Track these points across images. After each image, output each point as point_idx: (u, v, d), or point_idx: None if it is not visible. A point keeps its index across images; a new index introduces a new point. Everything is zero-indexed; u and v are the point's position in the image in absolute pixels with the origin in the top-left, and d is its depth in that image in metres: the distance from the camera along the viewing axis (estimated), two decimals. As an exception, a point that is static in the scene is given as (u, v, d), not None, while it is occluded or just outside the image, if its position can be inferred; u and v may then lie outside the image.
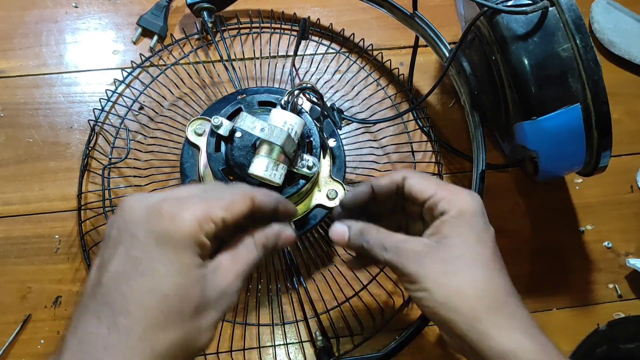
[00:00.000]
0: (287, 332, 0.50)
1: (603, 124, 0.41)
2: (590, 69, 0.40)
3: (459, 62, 0.49)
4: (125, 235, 0.27)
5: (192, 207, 0.27)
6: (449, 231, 0.33)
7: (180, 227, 0.27)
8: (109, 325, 0.25)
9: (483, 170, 0.49)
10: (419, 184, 0.35)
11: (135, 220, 0.27)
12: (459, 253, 0.33)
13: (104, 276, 0.27)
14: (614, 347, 0.51)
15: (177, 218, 0.27)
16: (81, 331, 0.26)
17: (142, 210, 0.27)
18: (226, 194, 0.30)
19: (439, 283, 0.32)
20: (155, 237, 0.27)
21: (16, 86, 0.56)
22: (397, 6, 0.54)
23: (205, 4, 0.56)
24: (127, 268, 0.26)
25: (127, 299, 0.26)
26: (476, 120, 0.50)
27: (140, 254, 0.26)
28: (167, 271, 0.26)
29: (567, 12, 0.40)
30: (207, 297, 0.28)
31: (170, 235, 0.27)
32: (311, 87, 0.41)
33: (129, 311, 0.25)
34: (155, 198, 0.28)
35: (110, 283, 0.26)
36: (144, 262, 0.26)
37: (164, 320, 0.26)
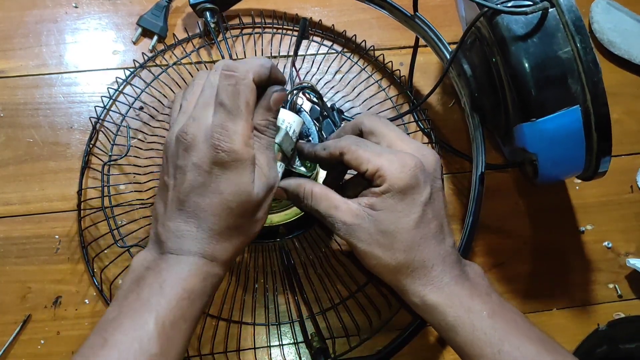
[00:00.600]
0: (283, 332, 0.50)
1: (603, 126, 0.41)
2: (590, 70, 0.40)
3: (459, 63, 0.49)
4: (189, 165, 0.34)
5: (238, 135, 0.34)
6: (377, 204, 0.36)
7: (237, 156, 0.34)
8: (197, 226, 0.35)
9: (482, 173, 0.49)
10: (354, 160, 0.37)
11: (198, 153, 0.34)
12: (383, 227, 0.36)
13: (181, 195, 0.35)
14: (614, 347, 0.51)
15: (232, 149, 0.34)
16: (175, 228, 0.35)
17: (201, 144, 0.34)
18: (240, 99, 0.35)
19: (365, 252, 0.37)
20: (217, 167, 0.34)
21: (16, 86, 0.56)
22: (398, 7, 0.54)
23: (208, 4, 0.56)
24: (200, 190, 0.34)
25: (205, 211, 0.34)
26: (476, 122, 0.50)
27: (207, 179, 0.34)
28: (229, 192, 0.34)
29: (567, 14, 0.40)
30: (261, 198, 0.36)
31: (230, 164, 0.34)
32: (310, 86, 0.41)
33: (208, 219, 0.35)
34: (204, 127, 0.35)
35: (188, 200, 0.35)
36: (211, 186, 0.34)
37: (233, 223, 0.35)
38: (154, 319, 0.32)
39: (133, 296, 0.33)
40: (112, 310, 0.34)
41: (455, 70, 0.51)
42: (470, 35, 0.48)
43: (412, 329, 0.48)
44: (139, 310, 0.33)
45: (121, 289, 0.35)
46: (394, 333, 0.50)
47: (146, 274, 0.35)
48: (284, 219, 0.45)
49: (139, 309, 0.33)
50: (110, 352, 0.31)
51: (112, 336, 0.32)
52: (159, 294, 0.33)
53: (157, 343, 0.32)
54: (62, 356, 0.48)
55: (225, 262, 0.36)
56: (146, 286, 0.34)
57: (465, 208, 0.54)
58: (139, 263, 0.36)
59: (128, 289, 0.34)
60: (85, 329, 0.49)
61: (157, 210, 0.37)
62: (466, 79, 0.48)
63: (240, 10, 0.60)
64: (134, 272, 0.36)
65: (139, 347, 0.31)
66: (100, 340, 0.32)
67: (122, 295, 0.35)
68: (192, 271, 0.34)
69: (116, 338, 0.32)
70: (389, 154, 0.36)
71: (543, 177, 0.46)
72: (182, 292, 0.33)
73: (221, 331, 0.49)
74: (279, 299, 0.50)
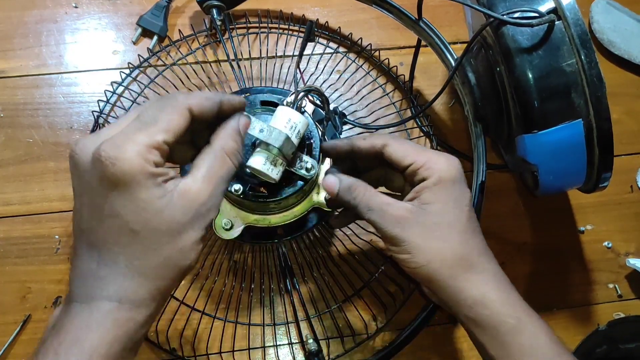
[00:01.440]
0: (278, 333, 0.50)
1: (605, 141, 0.41)
2: (594, 85, 0.39)
3: (464, 72, 0.49)
4: (83, 185, 0.29)
5: (130, 144, 0.27)
6: (429, 197, 0.36)
7: (124, 169, 0.27)
8: (98, 261, 0.28)
9: (483, 182, 0.49)
10: (398, 152, 0.38)
11: (86, 169, 0.28)
12: (438, 219, 0.36)
13: (81, 222, 0.29)
14: (614, 347, 0.51)
15: (118, 161, 0.27)
16: (79, 268, 0.29)
17: (88, 158, 0.28)
18: (162, 114, 0.29)
19: (420, 247, 0.35)
20: (107, 183, 0.27)
21: (16, 86, 0.56)
22: (404, 12, 0.54)
23: (214, 2, 0.56)
24: (96, 214, 0.28)
25: (104, 240, 0.28)
26: (479, 131, 0.50)
27: (101, 200, 0.28)
28: (126, 211, 0.28)
29: (573, 27, 0.40)
30: (179, 221, 0.29)
31: (118, 179, 0.27)
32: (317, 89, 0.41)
33: (109, 248, 0.28)
34: (96, 141, 0.28)
35: (87, 228, 0.29)
36: (105, 208, 0.28)
37: (143, 251, 0.28)
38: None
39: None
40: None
41: (460, 78, 0.50)
42: (475, 43, 0.48)
43: (412, 329, 0.48)
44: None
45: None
46: (394, 333, 0.50)
47: (47, 335, 0.28)
48: (282, 220, 0.45)
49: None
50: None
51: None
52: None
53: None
54: (62, 356, 0.48)
55: (147, 304, 0.29)
56: (41, 354, 0.27)
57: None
58: (49, 321, 0.30)
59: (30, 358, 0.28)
60: (85, 329, 0.49)
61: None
62: (470, 87, 0.48)
63: (246, 9, 0.60)
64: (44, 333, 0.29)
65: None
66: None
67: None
68: (103, 323, 0.28)
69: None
70: (432, 151, 0.38)
71: (543, 189, 0.46)
72: (87, 354, 0.27)
73: (216, 331, 0.49)
74: (275, 299, 0.50)
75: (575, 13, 0.40)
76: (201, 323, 0.49)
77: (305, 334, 0.49)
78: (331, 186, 0.39)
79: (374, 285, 0.51)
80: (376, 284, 0.51)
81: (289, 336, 0.49)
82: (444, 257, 0.36)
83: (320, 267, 0.51)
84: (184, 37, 0.58)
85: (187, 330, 0.49)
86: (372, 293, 0.50)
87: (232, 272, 0.50)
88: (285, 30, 0.59)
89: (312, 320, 0.49)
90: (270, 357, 0.49)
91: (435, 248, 0.36)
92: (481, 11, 0.42)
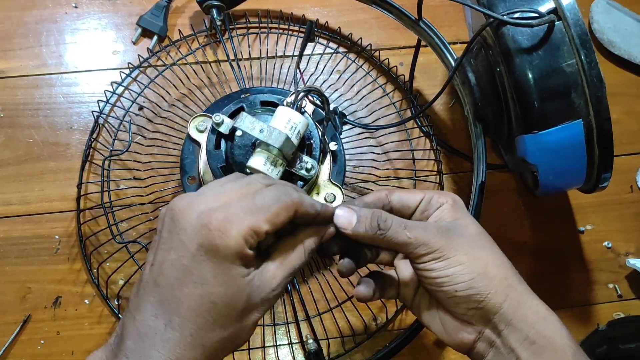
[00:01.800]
0: (278, 333, 0.50)
1: (605, 141, 0.41)
2: (594, 85, 0.39)
3: (464, 72, 0.49)
4: (176, 241, 0.28)
5: (239, 223, 0.28)
6: (456, 215, 0.34)
7: (227, 244, 0.28)
8: (166, 322, 0.28)
9: (483, 182, 0.49)
10: (406, 193, 0.36)
11: (186, 229, 0.28)
12: (475, 230, 0.34)
13: (159, 278, 0.29)
14: (614, 347, 0.51)
15: (225, 235, 0.28)
16: (140, 323, 0.28)
17: (192, 219, 0.28)
18: (274, 206, 0.30)
19: (471, 255, 0.32)
20: (205, 250, 0.28)
21: (16, 86, 0.56)
22: (404, 12, 0.54)
23: (215, 2, 0.56)
24: (180, 275, 0.28)
25: (181, 303, 0.28)
26: (479, 131, 0.50)
27: (191, 264, 0.28)
28: (215, 282, 0.28)
29: (573, 27, 0.40)
30: (251, 302, 0.29)
31: (218, 250, 0.28)
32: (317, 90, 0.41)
33: (182, 314, 0.28)
34: (205, 205, 0.29)
35: (165, 285, 0.28)
36: (194, 273, 0.28)
37: (213, 324, 0.28)
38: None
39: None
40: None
41: (460, 78, 0.50)
42: (475, 43, 0.48)
43: (412, 329, 0.48)
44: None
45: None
46: (394, 333, 0.50)
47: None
48: None
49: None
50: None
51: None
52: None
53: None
54: (61, 356, 0.48)
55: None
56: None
57: (465, 208, 0.54)
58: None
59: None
60: (84, 329, 0.49)
61: (132, 292, 0.30)
62: (470, 87, 0.48)
63: (246, 9, 0.60)
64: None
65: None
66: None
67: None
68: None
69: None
70: (432, 190, 0.37)
71: (543, 189, 0.46)
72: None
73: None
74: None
75: (575, 13, 0.40)
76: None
77: (305, 334, 0.49)
78: (347, 218, 0.34)
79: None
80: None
81: (289, 336, 0.49)
82: (499, 262, 0.33)
83: (321, 267, 0.51)
84: (184, 37, 0.58)
85: (187, 330, 0.49)
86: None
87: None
88: (285, 30, 0.59)
89: (312, 320, 0.49)
90: (270, 357, 0.49)
91: (487, 255, 0.33)
92: (481, 11, 0.42)
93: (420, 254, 0.33)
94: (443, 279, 0.32)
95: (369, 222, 0.33)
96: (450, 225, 0.34)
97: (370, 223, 0.33)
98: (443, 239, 0.32)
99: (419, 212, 0.36)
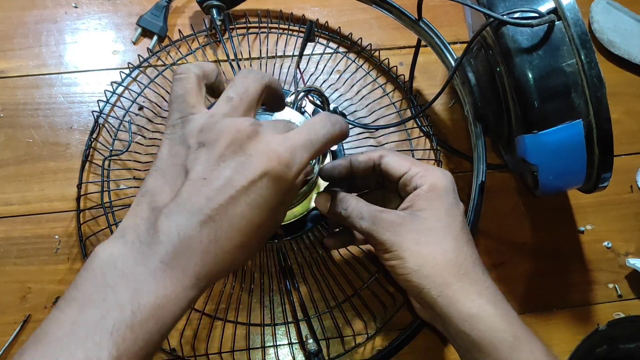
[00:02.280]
0: (278, 333, 0.50)
1: (605, 141, 0.41)
2: (594, 85, 0.39)
3: (464, 72, 0.49)
4: (237, 162, 0.29)
5: (300, 159, 0.30)
6: (422, 204, 0.36)
7: (289, 178, 0.29)
8: (211, 238, 0.28)
9: (482, 182, 0.49)
10: (394, 162, 0.39)
11: (252, 154, 0.29)
12: (431, 225, 0.36)
13: (211, 193, 0.28)
14: (614, 347, 0.51)
15: (289, 169, 0.29)
16: (182, 230, 0.27)
17: (260, 147, 0.29)
18: (324, 138, 0.31)
19: (412, 251, 0.35)
20: (268, 178, 0.29)
21: (16, 86, 0.56)
22: (404, 12, 0.54)
23: (215, 2, 0.56)
24: (235, 194, 0.28)
25: (231, 221, 0.28)
26: (478, 131, 0.50)
27: (250, 187, 0.28)
28: (266, 208, 0.29)
29: (573, 27, 0.40)
30: (274, 228, 0.32)
31: (280, 182, 0.29)
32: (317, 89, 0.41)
33: (227, 230, 0.28)
34: (270, 137, 0.30)
35: (216, 200, 0.28)
36: (251, 196, 0.28)
37: (249, 245, 0.29)
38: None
39: (91, 309, 0.26)
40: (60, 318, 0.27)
41: (460, 78, 0.50)
42: (475, 43, 0.48)
43: (413, 329, 0.48)
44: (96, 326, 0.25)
45: (74, 291, 0.27)
46: (394, 333, 0.50)
47: (118, 281, 0.26)
48: None
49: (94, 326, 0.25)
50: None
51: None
52: (127, 318, 0.25)
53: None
54: (62, 356, 0.48)
55: (207, 286, 0.29)
56: (113, 308, 0.26)
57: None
58: (107, 260, 0.27)
59: (87, 293, 0.26)
60: (85, 329, 0.49)
61: (157, 193, 0.29)
62: (470, 87, 0.48)
63: (246, 9, 0.60)
64: (96, 270, 0.27)
65: None
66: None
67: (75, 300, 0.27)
68: (177, 293, 0.27)
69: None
70: (427, 164, 0.39)
71: (543, 189, 0.46)
72: (153, 324, 0.26)
73: (216, 331, 0.49)
74: (275, 300, 0.50)
75: (575, 13, 0.40)
76: (201, 323, 0.49)
77: (305, 334, 0.49)
78: (322, 203, 0.39)
79: (374, 286, 0.51)
80: (376, 284, 0.51)
81: (288, 336, 0.49)
82: (437, 262, 0.35)
83: (320, 267, 0.51)
84: (184, 37, 0.58)
85: (187, 330, 0.49)
86: (372, 293, 0.50)
87: (232, 272, 0.50)
88: (285, 30, 0.59)
89: (312, 320, 0.49)
90: (270, 357, 0.49)
91: (427, 253, 0.35)
92: (481, 11, 0.42)
93: (372, 243, 0.37)
94: (390, 268, 0.37)
95: (335, 208, 0.38)
96: (409, 216, 0.36)
97: (336, 209, 0.38)
98: (389, 233, 0.36)
99: (401, 184, 0.39)
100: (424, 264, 0.35)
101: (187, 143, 0.30)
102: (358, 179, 0.43)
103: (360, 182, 0.43)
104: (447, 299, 0.34)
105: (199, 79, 0.33)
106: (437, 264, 0.35)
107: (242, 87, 0.31)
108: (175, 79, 0.32)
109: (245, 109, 0.31)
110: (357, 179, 0.43)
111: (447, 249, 0.35)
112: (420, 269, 0.35)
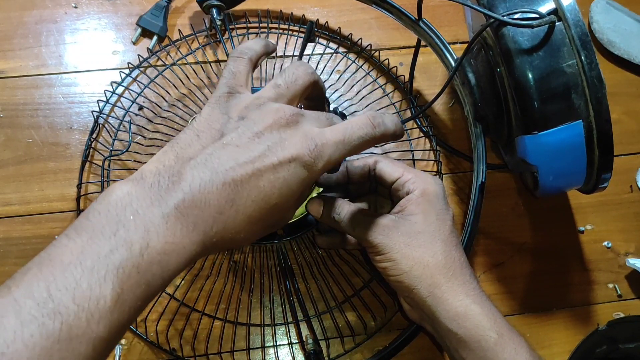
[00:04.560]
0: (278, 333, 0.50)
1: (605, 142, 0.41)
2: (595, 86, 0.39)
3: (464, 72, 0.49)
4: (272, 141, 0.30)
5: (328, 155, 0.31)
6: (414, 209, 0.38)
7: (316, 169, 0.30)
8: (231, 204, 0.29)
9: (483, 182, 0.49)
10: (387, 167, 0.40)
11: (286, 139, 0.30)
12: (422, 228, 0.37)
13: (244, 159, 0.29)
14: (614, 347, 0.51)
15: (318, 161, 0.30)
16: (204, 190, 0.28)
17: (298, 134, 0.30)
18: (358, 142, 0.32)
19: (403, 253, 0.37)
20: (297, 164, 0.30)
21: (16, 87, 0.56)
22: (404, 12, 0.54)
23: (214, 2, 0.56)
24: (265, 169, 0.29)
25: (251, 194, 0.29)
26: (479, 131, 0.50)
27: (279, 167, 0.29)
28: (285, 190, 0.30)
29: (574, 28, 0.40)
30: (293, 213, 0.34)
31: (305, 170, 0.30)
32: None
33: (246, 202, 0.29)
34: (308, 126, 0.31)
35: (245, 168, 0.29)
36: (279, 176, 0.29)
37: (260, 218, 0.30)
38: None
39: (102, 241, 0.25)
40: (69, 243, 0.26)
41: (460, 79, 0.50)
42: (475, 43, 0.48)
43: (413, 329, 0.48)
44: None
45: (85, 219, 0.27)
46: (394, 333, 0.50)
47: (131, 219, 0.26)
48: None
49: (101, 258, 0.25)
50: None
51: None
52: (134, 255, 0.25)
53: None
54: (62, 356, 0.48)
55: (210, 250, 0.29)
56: (126, 244, 0.26)
57: (463, 207, 0.54)
58: (123, 197, 0.27)
59: (99, 226, 0.26)
60: (85, 329, 0.49)
61: (187, 146, 0.30)
62: (470, 87, 0.48)
63: (246, 9, 0.60)
64: (111, 205, 0.27)
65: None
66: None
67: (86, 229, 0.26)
68: (184, 244, 0.27)
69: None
70: (420, 170, 0.41)
71: (543, 189, 0.46)
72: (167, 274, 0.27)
73: (216, 331, 0.49)
74: (275, 300, 0.50)
75: (576, 14, 0.40)
76: (201, 323, 0.49)
77: (305, 334, 0.49)
78: (315, 208, 0.40)
79: (374, 286, 0.51)
80: (376, 284, 0.51)
81: (288, 336, 0.49)
82: (426, 263, 0.37)
83: (320, 267, 0.51)
84: (184, 37, 0.58)
85: (187, 330, 0.49)
86: (372, 293, 0.50)
87: (232, 272, 0.50)
88: (285, 30, 0.59)
89: (312, 320, 0.49)
90: (270, 358, 0.49)
91: (417, 255, 0.37)
92: (481, 12, 0.42)
93: (365, 246, 0.39)
94: (382, 269, 0.39)
95: (329, 213, 0.40)
96: (400, 220, 0.38)
97: (329, 214, 0.40)
98: (381, 236, 0.37)
99: (394, 189, 0.41)
100: (415, 265, 0.37)
101: (229, 114, 0.31)
102: (352, 184, 0.44)
103: (353, 187, 0.44)
104: (436, 299, 0.36)
105: (251, 63, 0.35)
106: (427, 266, 0.37)
107: (291, 77, 0.33)
108: (232, 57, 0.34)
109: (290, 98, 0.33)
110: (351, 184, 0.44)
111: (436, 252, 0.37)
112: (410, 270, 0.37)
